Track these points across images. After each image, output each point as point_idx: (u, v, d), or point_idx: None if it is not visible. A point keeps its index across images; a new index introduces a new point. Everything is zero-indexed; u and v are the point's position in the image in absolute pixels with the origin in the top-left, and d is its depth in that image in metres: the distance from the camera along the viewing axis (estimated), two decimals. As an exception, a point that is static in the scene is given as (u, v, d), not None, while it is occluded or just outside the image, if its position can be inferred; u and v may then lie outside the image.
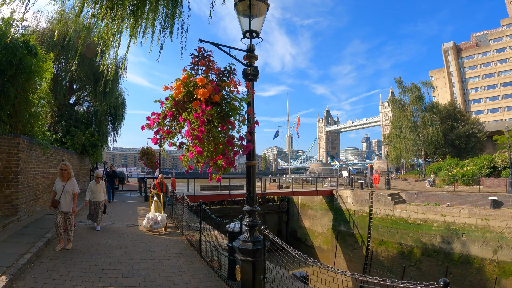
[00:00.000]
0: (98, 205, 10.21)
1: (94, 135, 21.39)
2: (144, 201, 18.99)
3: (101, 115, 22.94)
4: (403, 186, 31.48)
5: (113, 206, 15.74)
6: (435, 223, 19.69)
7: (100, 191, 10.23)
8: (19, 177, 9.23)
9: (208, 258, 7.62)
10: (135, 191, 26.05)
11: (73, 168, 18.41)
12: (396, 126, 47.32)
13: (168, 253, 8.25)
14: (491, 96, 73.06)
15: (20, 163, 9.26)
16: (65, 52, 20.54)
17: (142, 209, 15.74)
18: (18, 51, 9.55)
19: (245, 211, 5.11)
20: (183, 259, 7.81)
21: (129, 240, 9.21)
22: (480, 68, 75.45)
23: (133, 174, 63.46)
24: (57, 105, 21.36)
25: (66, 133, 20.40)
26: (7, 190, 8.95)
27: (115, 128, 25.82)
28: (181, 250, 8.60)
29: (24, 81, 9.92)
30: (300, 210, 32.88)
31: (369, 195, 24.99)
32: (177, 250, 8.64)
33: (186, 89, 4.09)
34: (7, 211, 8.94)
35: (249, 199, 5.09)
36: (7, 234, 7.82)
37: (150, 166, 18.99)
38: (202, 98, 3.90)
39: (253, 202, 5.09)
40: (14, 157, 9.12)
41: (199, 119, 3.77)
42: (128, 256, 7.63)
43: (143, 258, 7.61)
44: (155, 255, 7.93)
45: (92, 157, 21.40)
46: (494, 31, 75.47)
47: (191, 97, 4.06)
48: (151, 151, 19.04)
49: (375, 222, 23.53)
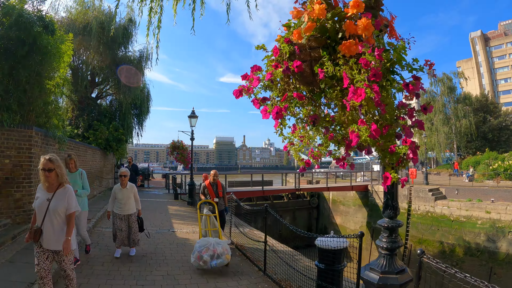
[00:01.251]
0: (128, 220, 6.86)
1: (119, 129, 19.80)
2: (174, 199, 17.37)
3: (125, 109, 21.33)
4: (441, 181, 29.93)
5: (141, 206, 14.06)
6: (479, 221, 18.28)
7: (129, 197, 6.89)
8: (32, 177, 7.51)
9: (277, 278, 5.75)
10: (162, 187, 24.61)
11: (97, 164, 16.94)
12: (426, 118, 44.56)
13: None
14: (521, 87, 69.25)
15: (33, 160, 7.54)
16: (86, 43, 18.98)
17: (174, 209, 14.05)
18: (32, 28, 7.86)
19: (381, 226, 3.29)
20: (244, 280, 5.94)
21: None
22: (509, 58, 71.64)
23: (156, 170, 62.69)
24: (78, 98, 19.90)
25: (89, 127, 18.86)
26: (18, 192, 7.20)
27: (140, 122, 24.15)
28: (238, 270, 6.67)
29: (38, 63, 8.17)
30: (331, 206, 31.49)
31: (408, 191, 23.39)
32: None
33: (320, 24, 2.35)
34: (18, 218, 7.18)
35: (390, 207, 3.19)
36: (16, 250, 6.05)
37: (182, 161, 17.18)
38: (364, 33, 2.14)
39: (396, 211, 3.19)
40: (25, 153, 7.41)
41: (370, 70, 1.93)
42: None
43: None
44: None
45: (116, 153, 19.80)
46: (524, 18, 71.08)
47: (328, 39, 2.41)
48: (182, 144, 17.27)
49: (414, 219, 22.07)
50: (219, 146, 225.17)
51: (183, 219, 11.82)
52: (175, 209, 13.89)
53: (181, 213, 13.28)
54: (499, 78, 73.17)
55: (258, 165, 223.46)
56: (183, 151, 17.08)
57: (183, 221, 11.43)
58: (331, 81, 2.40)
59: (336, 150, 2.81)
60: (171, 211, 13.51)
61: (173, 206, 14.74)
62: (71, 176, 6.12)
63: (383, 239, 3.32)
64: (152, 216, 11.86)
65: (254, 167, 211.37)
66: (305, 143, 2.79)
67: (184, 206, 15.07)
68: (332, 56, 2.40)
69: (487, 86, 71.82)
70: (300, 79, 2.50)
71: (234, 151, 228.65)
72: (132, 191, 6.97)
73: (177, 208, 14.22)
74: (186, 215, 12.73)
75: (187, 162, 16.85)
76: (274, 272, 6.08)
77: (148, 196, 18.47)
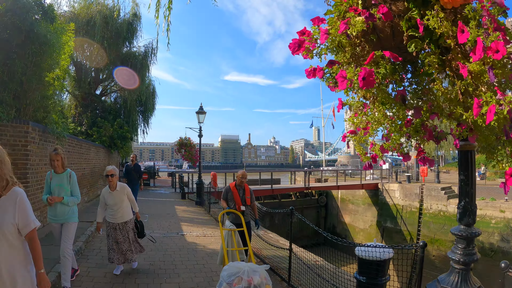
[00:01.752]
0: (124, 230, 5.64)
1: (124, 126, 19.06)
2: (181, 198, 16.67)
3: (130, 105, 20.51)
4: (452, 179, 28.89)
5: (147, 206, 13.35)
6: (493, 220, 17.53)
7: (121, 201, 5.63)
8: (29, 176, 6.79)
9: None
10: (168, 186, 23.87)
11: (101, 163, 16.26)
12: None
13: None
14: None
15: (29, 158, 6.83)
16: (89, 38, 18.29)
17: (182, 209, 13.37)
18: (29, 14, 7.18)
19: (456, 235, 2.62)
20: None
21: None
22: None
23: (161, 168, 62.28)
24: (82, 94, 19.25)
25: (92, 124, 18.16)
26: (13, 193, 6.46)
27: (146, 119, 23.19)
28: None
29: (36, 53, 7.44)
30: (339, 204, 30.82)
31: (419, 189, 22.57)
32: None
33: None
34: (13, 222, 6.48)
35: (468, 212, 2.49)
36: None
37: (189, 159, 16.35)
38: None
39: (475, 217, 2.49)
40: (21, 151, 6.71)
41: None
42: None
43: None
44: None
45: (121, 151, 19.04)
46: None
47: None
48: (190, 142, 16.44)
49: (426, 218, 21.28)
50: (224, 144, 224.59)
51: (192, 221, 11.13)
52: (183, 210, 13.22)
53: (190, 214, 12.57)
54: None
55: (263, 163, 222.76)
56: (190, 148, 16.25)
57: (192, 223, 10.73)
58: (422, 43, 1.64)
59: (408, 141, 2.08)
60: (179, 211, 12.82)
61: (180, 206, 14.07)
62: (57, 178, 4.82)
63: (457, 251, 2.66)
64: (159, 218, 11.17)
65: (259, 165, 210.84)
66: (372, 132, 2.03)
67: (192, 206, 14.39)
68: (421, 11, 1.64)
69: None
70: (379, 40, 1.73)
71: (239, 149, 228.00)
72: (124, 193, 5.67)
73: (185, 209, 13.55)
74: (194, 217, 12.05)
75: (195, 160, 16.04)
76: (300, 283, 5.34)
77: (154, 196, 17.82)
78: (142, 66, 20.06)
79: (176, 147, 16.51)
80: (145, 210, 12.03)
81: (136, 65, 19.72)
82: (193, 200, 15.83)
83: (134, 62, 19.78)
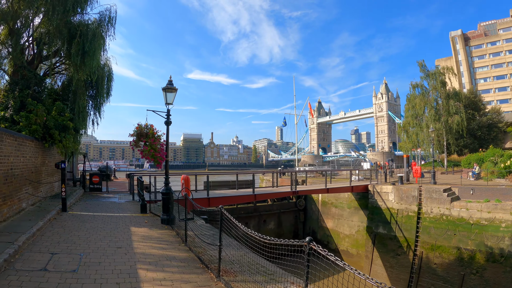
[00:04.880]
0: None
1: (65, 112, 13.70)
2: (140, 212, 11.54)
3: (76, 86, 14.94)
4: (445, 179, 27.12)
5: (86, 231, 8.31)
6: (503, 223, 15.96)
7: None
8: None
9: None
10: (125, 191, 18.18)
11: (27, 162, 10.92)
12: (412, 115, 40.77)
13: None
14: (500, 87, 69.11)
15: None
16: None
17: (141, 233, 8.45)
18: None
19: None
20: None
21: None
22: (489, 57, 71.16)
23: (121, 168, 55.97)
24: (12, 68, 14.13)
25: (21, 107, 12.77)
26: None
27: (97, 106, 17.73)
28: None
29: None
30: (320, 208, 28.30)
31: (418, 191, 20.15)
32: None
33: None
34: None
35: None
36: None
37: (152, 156, 10.52)
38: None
39: None
40: None
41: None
42: None
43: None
44: None
45: (59, 145, 13.46)
46: (503, 21, 71.13)
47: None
48: (153, 130, 10.59)
49: (425, 223, 19.21)
50: (187, 143, 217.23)
51: (158, 264, 6.14)
52: (144, 235, 8.20)
53: (154, 244, 7.57)
54: (478, 77, 72.39)
55: (226, 162, 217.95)
56: (153, 140, 10.30)
57: (159, 271, 5.78)
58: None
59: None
60: (137, 240, 7.77)
61: (139, 228, 8.99)
62: None
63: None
64: (102, 258, 6.21)
65: (222, 165, 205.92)
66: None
67: (157, 227, 9.40)
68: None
69: (467, 84, 70.45)
70: None
71: (202, 148, 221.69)
72: None
73: (146, 233, 8.51)
74: (163, 252, 6.96)
75: (159, 159, 10.37)
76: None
77: (104, 207, 12.49)
78: (94, 37, 14.69)
79: (134, 138, 10.38)
80: (82, 240, 7.12)
81: (87, 35, 14.42)
82: (157, 215, 10.90)
83: (85, 31, 14.46)
